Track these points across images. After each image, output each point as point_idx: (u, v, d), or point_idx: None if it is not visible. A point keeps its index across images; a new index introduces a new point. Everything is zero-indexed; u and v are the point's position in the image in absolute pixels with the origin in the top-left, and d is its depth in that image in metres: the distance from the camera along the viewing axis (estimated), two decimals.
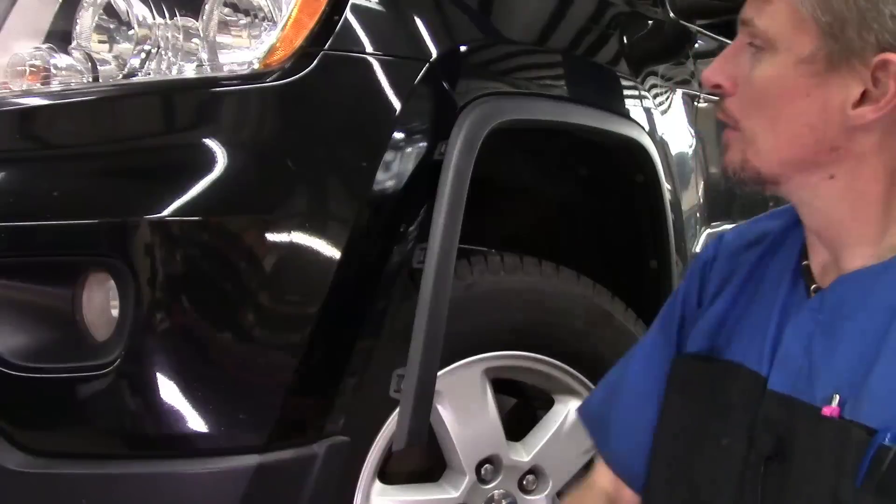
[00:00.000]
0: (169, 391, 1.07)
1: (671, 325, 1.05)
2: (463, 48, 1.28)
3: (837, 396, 0.82)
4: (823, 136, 0.83)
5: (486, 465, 1.41)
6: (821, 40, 0.81)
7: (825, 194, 0.86)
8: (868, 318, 0.83)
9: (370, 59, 1.17)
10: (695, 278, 1.05)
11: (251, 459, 1.09)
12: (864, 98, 0.80)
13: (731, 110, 0.88)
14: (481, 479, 1.41)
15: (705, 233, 2.00)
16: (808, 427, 0.84)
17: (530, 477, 1.47)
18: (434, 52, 1.21)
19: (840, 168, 0.84)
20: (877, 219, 0.85)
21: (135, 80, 1.17)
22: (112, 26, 1.22)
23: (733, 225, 2.21)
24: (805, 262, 0.94)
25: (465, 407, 1.37)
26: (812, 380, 0.86)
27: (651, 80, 1.73)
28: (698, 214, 1.95)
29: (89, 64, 1.22)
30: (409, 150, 1.18)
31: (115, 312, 1.09)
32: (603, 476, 1.07)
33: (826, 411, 0.82)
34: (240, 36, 1.17)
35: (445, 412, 1.36)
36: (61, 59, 1.24)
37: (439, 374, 1.23)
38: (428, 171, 1.19)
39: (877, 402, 0.79)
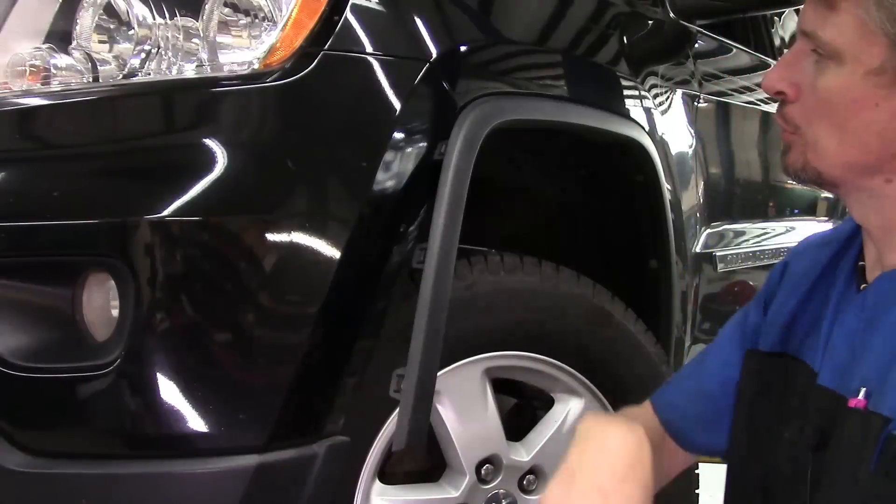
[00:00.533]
0: (169, 391, 1.07)
1: (743, 326, 1.10)
2: (463, 48, 1.28)
3: (864, 389, 0.86)
4: (891, 143, 0.86)
5: (487, 465, 1.41)
6: (890, 51, 0.82)
7: (881, 194, 0.89)
8: None
9: (370, 59, 1.17)
10: (767, 285, 1.11)
11: (251, 459, 1.09)
12: None
13: (793, 116, 0.90)
14: (481, 479, 1.41)
15: (705, 233, 2.00)
16: (841, 418, 0.88)
17: (530, 477, 1.47)
18: (434, 52, 1.21)
19: None
20: None
21: (135, 80, 1.17)
22: (112, 26, 1.22)
23: (734, 224, 2.21)
24: (861, 263, 0.98)
25: (465, 407, 1.37)
26: (851, 374, 0.89)
27: (651, 80, 1.73)
28: (698, 214, 1.95)
29: (89, 64, 1.22)
30: (409, 150, 1.18)
31: (115, 312, 1.09)
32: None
33: (852, 402, 0.86)
34: (240, 36, 1.17)
35: (445, 412, 1.36)
36: (61, 59, 1.24)
37: (439, 374, 1.23)
38: (428, 171, 1.19)
39: (894, 392, 0.82)
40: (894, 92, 0.83)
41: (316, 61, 1.13)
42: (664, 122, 1.74)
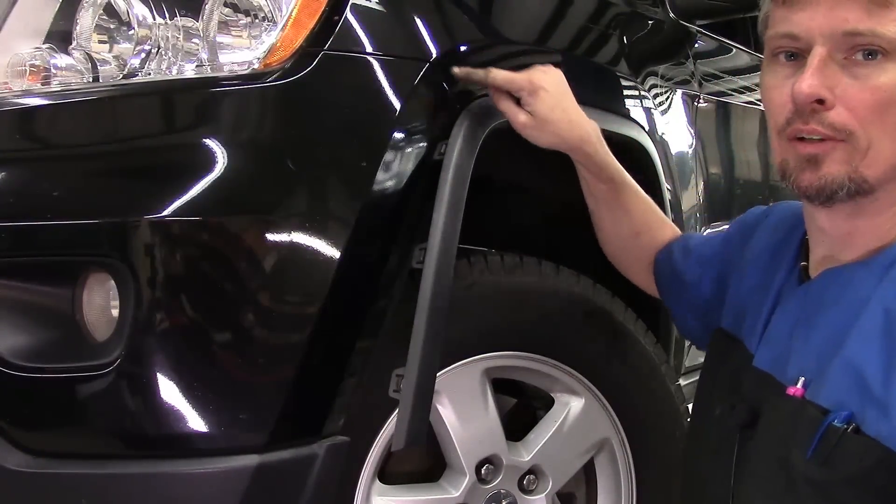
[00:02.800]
0: (169, 391, 1.07)
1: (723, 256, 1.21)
2: (463, 48, 1.28)
3: (803, 378, 0.91)
4: None
5: (487, 465, 1.41)
6: None
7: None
8: (841, 311, 0.90)
9: (370, 59, 1.17)
10: (746, 225, 1.19)
11: (251, 459, 1.09)
12: None
13: (844, 123, 0.88)
14: (481, 479, 1.41)
15: (705, 233, 2.00)
16: (775, 402, 0.94)
17: (530, 477, 1.47)
18: (434, 52, 1.21)
19: None
20: None
21: (135, 80, 1.17)
22: (112, 26, 1.22)
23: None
24: (804, 263, 1.01)
25: (465, 407, 1.37)
26: (788, 362, 0.94)
27: (651, 80, 1.73)
28: (698, 214, 1.95)
29: (89, 64, 1.22)
30: (409, 150, 1.18)
31: (115, 312, 1.09)
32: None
33: (790, 391, 0.91)
34: (240, 36, 1.17)
35: (445, 412, 1.36)
36: (61, 59, 1.24)
37: (439, 374, 1.23)
38: (428, 171, 1.19)
39: (833, 386, 0.86)
40: None
41: (316, 61, 1.13)
42: (664, 122, 1.74)
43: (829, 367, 0.87)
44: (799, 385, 0.90)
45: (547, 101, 1.22)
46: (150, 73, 1.17)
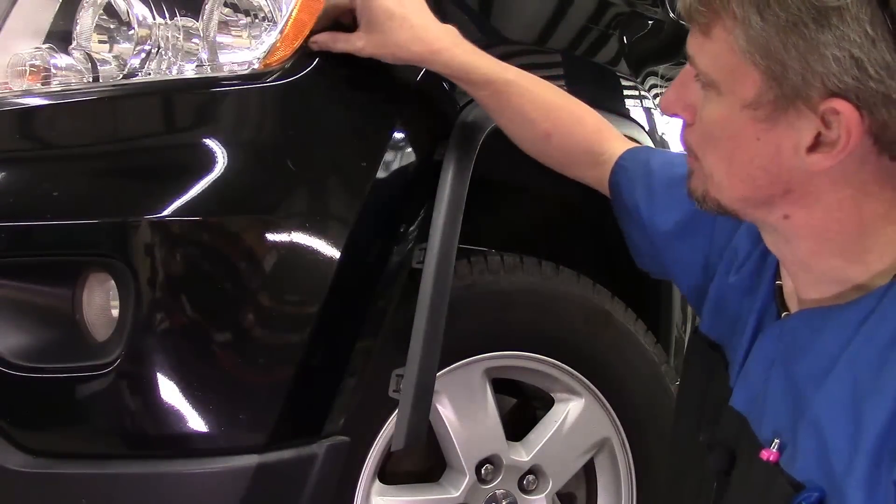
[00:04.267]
0: (169, 391, 1.07)
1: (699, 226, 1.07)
2: None
3: (777, 441, 0.81)
4: (778, 178, 0.79)
5: (487, 465, 1.41)
6: (764, 84, 0.75)
7: (784, 231, 0.83)
8: (812, 362, 0.80)
9: (370, 58, 1.16)
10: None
11: (251, 459, 1.09)
12: (818, 141, 0.74)
13: (690, 143, 0.85)
14: (481, 479, 1.41)
15: None
16: (748, 459, 0.85)
17: (530, 477, 1.47)
18: None
19: (795, 208, 0.80)
20: (839, 253, 0.80)
21: (135, 80, 1.17)
22: (112, 26, 1.22)
23: None
24: (778, 282, 0.93)
25: (465, 407, 1.37)
26: (763, 411, 0.85)
27: (651, 80, 1.73)
28: None
29: (89, 64, 1.22)
30: (409, 150, 1.19)
31: (115, 312, 1.09)
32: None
33: (764, 455, 0.81)
34: (240, 36, 1.17)
35: (445, 412, 1.36)
36: (61, 59, 1.24)
37: (439, 374, 1.23)
38: (428, 171, 1.19)
39: (806, 457, 0.77)
40: (773, 126, 0.76)
41: (316, 61, 1.13)
42: (664, 122, 1.74)
43: (799, 433, 0.78)
44: (774, 448, 0.81)
45: (380, 11, 1.10)
46: (150, 73, 1.17)
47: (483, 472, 1.40)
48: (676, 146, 1.80)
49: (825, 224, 0.79)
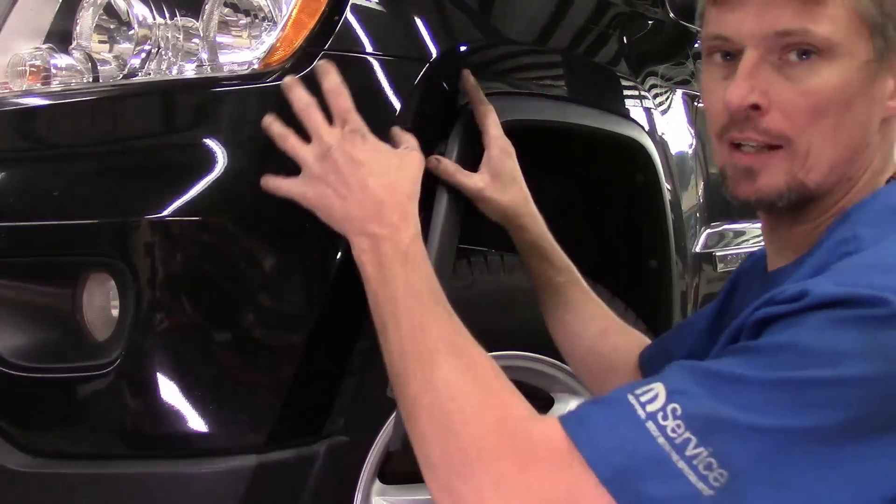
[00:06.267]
0: (169, 391, 1.07)
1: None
2: (463, 48, 1.28)
3: None
4: (867, 131, 0.84)
5: None
6: (872, 41, 0.82)
7: (850, 197, 0.87)
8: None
9: (370, 59, 1.16)
10: (726, 290, 1.09)
11: (251, 459, 1.09)
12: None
13: (781, 128, 0.84)
14: None
15: (705, 233, 2.00)
16: None
17: None
18: (434, 53, 1.21)
19: (861, 167, 0.86)
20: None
21: (135, 80, 1.17)
22: (112, 26, 1.22)
23: (734, 224, 2.21)
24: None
25: None
26: None
27: (651, 80, 1.73)
28: (698, 214, 1.95)
29: (89, 64, 1.22)
30: None
31: (115, 312, 1.09)
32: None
33: None
34: (240, 36, 1.17)
35: None
36: (61, 59, 1.24)
37: None
38: (428, 171, 1.19)
39: None
40: (874, 80, 0.83)
41: (316, 61, 1.13)
42: (664, 122, 1.74)
43: None
44: None
45: (508, 170, 1.19)
46: (150, 73, 1.17)
47: None
48: (676, 146, 1.80)
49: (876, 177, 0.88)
